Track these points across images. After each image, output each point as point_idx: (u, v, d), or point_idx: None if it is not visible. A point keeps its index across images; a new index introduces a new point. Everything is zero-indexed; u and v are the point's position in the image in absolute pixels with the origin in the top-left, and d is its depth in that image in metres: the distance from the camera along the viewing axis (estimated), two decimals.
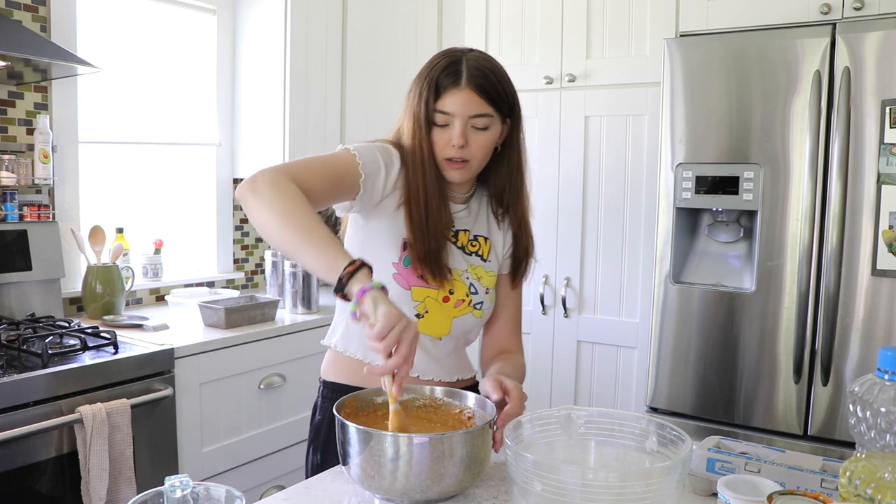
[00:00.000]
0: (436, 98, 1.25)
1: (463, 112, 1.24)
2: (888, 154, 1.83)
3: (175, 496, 0.78)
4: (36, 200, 2.32)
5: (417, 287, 1.30)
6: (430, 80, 1.25)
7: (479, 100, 1.24)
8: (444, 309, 1.33)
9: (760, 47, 1.99)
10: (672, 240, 2.14)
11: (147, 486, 0.95)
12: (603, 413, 1.00)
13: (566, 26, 2.51)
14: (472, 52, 1.28)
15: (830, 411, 1.93)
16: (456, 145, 1.25)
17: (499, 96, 1.26)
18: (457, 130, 1.24)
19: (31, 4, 2.28)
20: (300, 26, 2.79)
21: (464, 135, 1.25)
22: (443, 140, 1.26)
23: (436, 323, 1.33)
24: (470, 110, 1.24)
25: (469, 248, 1.36)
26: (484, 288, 1.36)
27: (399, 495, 0.99)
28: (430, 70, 1.26)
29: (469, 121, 1.24)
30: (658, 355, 2.18)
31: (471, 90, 1.23)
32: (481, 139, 1.27)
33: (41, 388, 1.74)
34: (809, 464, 1.06)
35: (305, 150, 2.84)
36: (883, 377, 0.84)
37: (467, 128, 1.25)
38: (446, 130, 1.26)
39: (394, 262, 1.29)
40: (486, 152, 1.29)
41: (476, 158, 1.28)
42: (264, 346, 2.35)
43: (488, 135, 1.27)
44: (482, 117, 1.25)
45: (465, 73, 1.23)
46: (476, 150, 1.27)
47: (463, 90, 1.23)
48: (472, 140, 1.26)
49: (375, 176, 1.26)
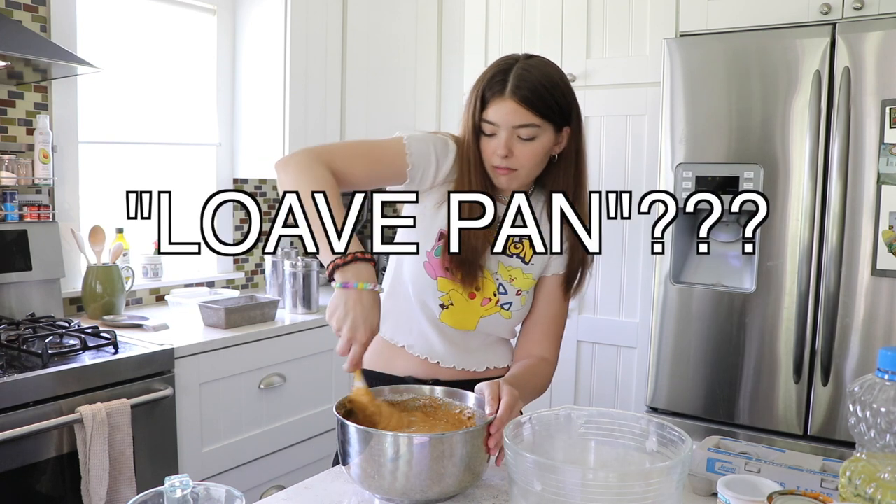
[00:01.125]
0: (482, 108, 1.24)
1: (506, 122, 1.23)
2: (888, 154, 1.83)
3: (175, 496, 0.78)
4: (36, 200, 2.32)
5: (444, 279, 1.30)
6: (479, 90, 1.25)
7: (523, 110, 1.21)
8: (470, 306, 1.32)
9: (760, 47, 1.99)
10: (672, 240, 2.14)
11: (147, 486, 0.95)
12: (603, 413, 1.00)
13: (566, 26, 2.51)
14: (529, 59, 1.25)
15: (830, 411, 1.93)
16: (500, 155, 1.24)
17: (546, 106, 1.22)
18: (501, 141, 1.24)
19: (31, 4, 2.28)
20: (300, 26, 2.79)
21: (507, 145, 1.24)
22: (490, 148, 1.26)
23: (461, 317, 1.33)
24: (513, 121, 1.22)
25: (511, 249, 1.34)
26: (515, 289, 1.34)
27: (399, 495, 0.99)
28: (481, 79, 1.26)
29: (513, 131, 1.23)
30: (658, 355, 2.18)
31: (515, 101, 1.21)
32: (527, 149, 1.25)
33: (41, 388, 1.74)
34: (809, 464, 1.06)
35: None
36: (883, 377, 0.84)
37: (512, 138, 1.24)
38: (493, 140, 1.25)
39: (427, 251, 1.30)
40: (534, 162, 1.27)
41: (524, 168, 1.27)
42: (264, 346, 2.35)
43: (535, 145, 1.25)
44: (527, 127, 1.23)
45: (510, 84, 1.21)
46: (523, 159, 1.25)
47: (507, 101, 1.22)
48: (517, 150, 1.24)
49: (425, 167, 1.28)
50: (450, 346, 1.35)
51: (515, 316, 1.37)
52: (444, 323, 1.33)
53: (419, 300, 1.33)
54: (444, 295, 1.31)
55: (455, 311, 1.32)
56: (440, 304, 1.31)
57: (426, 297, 1.32)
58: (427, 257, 1.30)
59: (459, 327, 1.34)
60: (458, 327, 1.34)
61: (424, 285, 1.31)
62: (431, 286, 1.31)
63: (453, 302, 1.31)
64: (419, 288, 1.32)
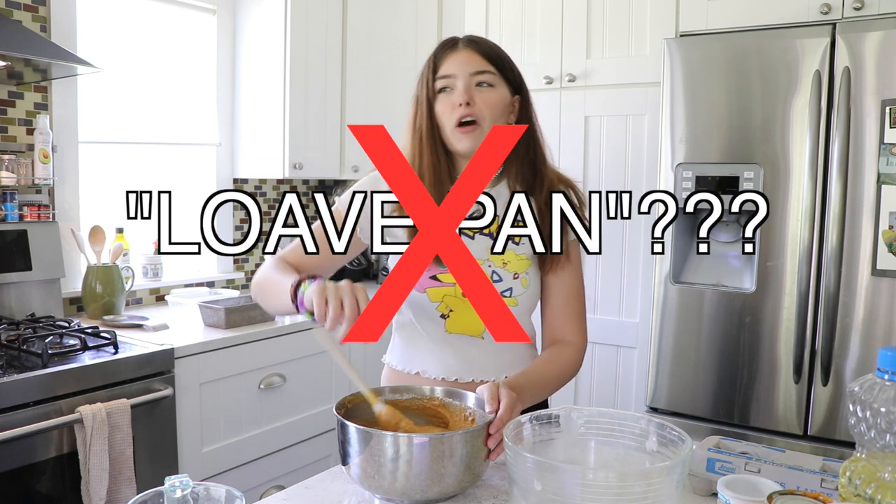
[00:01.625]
0: (435, 70, 1.26)
1: (463, 70, 1.24)
2: (888, 154, 1.83)
3: (175, 496, 0.78)
4: (36, 200, 2.32)
5: (432, 288, 1.28)
6: (428, 60, 1.28)
7: (478, 58, 1.24)
8: (468, 305, 1.27)
9: (760, 47, 1.99)
10: (672, 240, 2.14)
11: (147, 486, 0.95)
12: (603, 413, 1.00)
13: (566, 26, 2.51)
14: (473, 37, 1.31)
15: (830, 411, 1.93)
16: (462, 102, 1.23)
17: (500, 59, 1.27)
18: (459, 90, 1.24)
19: (31, 4, 2.28)
20: (300, 26, 2.79)
21: (468, 92, 1.23)
22: (448, 105, 1.25)
23: (466, 321, 1.30)
24: (470, 67, 1.24)
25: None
26: (511, 273, 1.29)
27: (399, 495, 0.99)
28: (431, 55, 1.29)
29: (471, 78, 1.24)
30: (658, 355, 2.18)
31: (470, 50, 1.25)
32: (486, 96, 1.24)
33: (41, 388, 1.74)
34: (809, 464, 1.06)
35: (305, 150, 2.85)
36: (883, 377, 0.84)
37: (471, 87, 1.24)
38: (450, 95, 1.25)
39: None
40: (494, 112, 1.25)
41: (485, 119, 1.24)
42: (264, 346, 2.35)
43: (494, 94, 1.25)
44: (484, 74, 1.24)
45: (461, 40, 1.27)
46: (483, 108, 1.24)
47: (461, 51, 1.25)
48: (477, 98, 1.24)
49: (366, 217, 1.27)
50: (463, 358, 1.32)
51: (522, 302, 1.31)
52: (453, 334, 1.31)
53: (420, 319, 1.32)
54: (439, 304, 1.29)
55: (458, 317, 1.29)
56: (440, 314, 1.30)
57: (425, 313, 1.30)
58: None
59: (470, 332, 1.31)
60: (469, 332, 1.31)
61: (418, 303, 1.30)
62: (423, 300, 1.29)
63: (452, 308, 1.29)
64: (415, 308, 1.31)
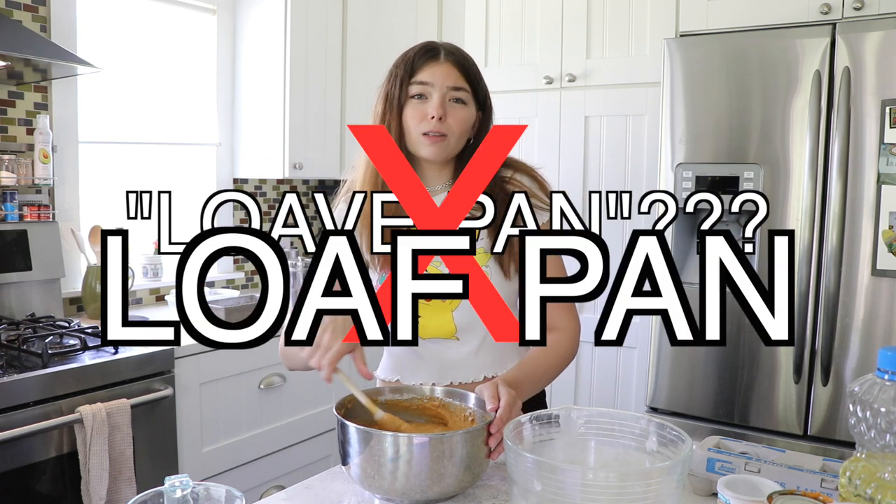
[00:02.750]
0: (412, 74, 1.24)
1: (442, 82, 1.23)
2: (888, 154, 1.83)
3: (175, 496, 0.78)
4: (36, 200, 2.32)
5: None
6: (406, 61, 1.25)
7: (457, 73, 1.24)
8: (434, 307, 1.28)
9: (760, 47, 1.99)
10: (672, 240, 2.13)
11: (147, 486, 0.95)
12: (603, 413, 1.00)
13: (566, 26, 2.51)
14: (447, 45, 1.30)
15: (830, 411, 1.93)
16: (435, 116, 1.22)
17: (475, 78, 1.27)
18: (435, 101, 1.23)
19: (31, 4, 2.28)
20: (300, 26, 2.79)
21: (443, 105, 1.23)
22: (419, 114, 1.24)
23: (436, 324, 1.29)
24: (448, 81, 1.23)
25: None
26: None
27: (399, 495, 0.99)
28: (405, 54, 1.27)
29: (448, 93, 1.23)
30: (658, 355, 2.18)
31: (450, 63, 1.24)
32: (458, 114, 1.24)
33: (41, 388, 1.74)
34: (809, 464, 1.06)
35: (305, 150, 2.84)
36: (883, 377, 0.84)
37: (446, 101, 1.23)
38: (423, 103, 1.24)
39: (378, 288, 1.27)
40: (463, 129, 1.26)
41: (454, 135, 1.25)
42: (264, 346, 2.33)
43: (465, 112, 1.25)
44: (460, 90, 1.24)
45: (442, 51, 1.25)
46: (454, 124, 1.24)
47: (442, 63, 1.24)
48: (450, 114, 1.24)
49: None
50: (438, 364, 1.32)
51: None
52: (426, 339, 1.30)
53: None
54: None
55: (427, 322, 1.28)
56: None
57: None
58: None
59: (443, 335, 1.30)
60: (442, 335, 1.30)
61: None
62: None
63: (420, 314, 1.26)
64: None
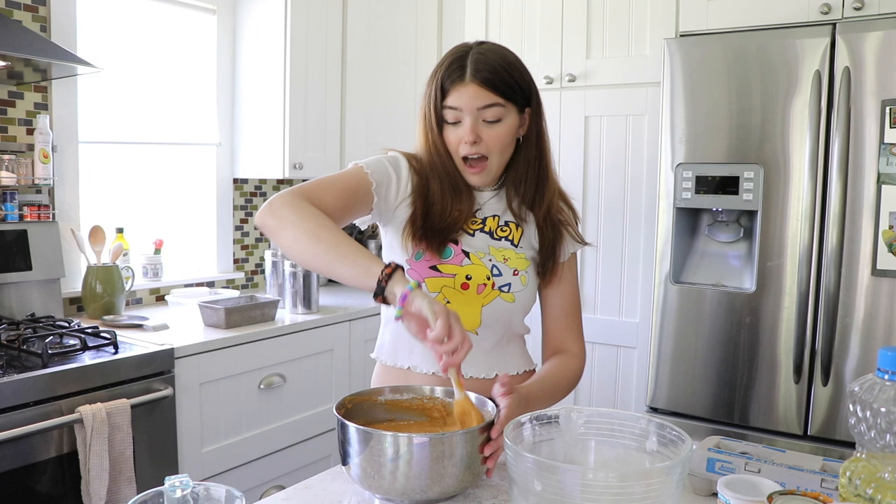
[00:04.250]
0: (443, 96, 1.24)
1: (470, 106, 1.22)
2: (888, 154, 1.83)
3: (175, 496, 0.78)
4: (36, 200, 2.32)
5: (431, 278, 1.28)
6: (437, 80, 1.25)
7: (485, 91, 1.22)
8: (466, 297, 1.28)
9: (760, 47, 1.99)
10: (672, 240, 2.14)
11: (147, 486, 0.95)
12: (603, 413, 1.00)
13: (566, 26, 2.51)
14: (482, 45, 1.26)
15: (830, 411, 1.93)
16: (468, 141, 1.23)
17: (507, 86, 1.23)
18: (467, 127, 1.23)
19: (31, 4, 2.28)
20: (300, 26, 2.79)
21: (474, 130, 1.23)
22: (456, 138, 1.26)
23: (462, 314, 1.27)
24: (477, 103, 1.22)
25: (498, 233, 1.33)
26: (511, 269, 1.30)
27: (399, 495, 0.99)
28: (437, 70, 1.26)
29: (478, 114, 1.23)
30: (658, 355, 2.18)
31: (476, 84, 1.21)
32: (495, 132, 1.24)
33: (41, 388, 1.74)
34: (809, 464, 1.06)
35: (305, 150, 2.85)
36: (883, 377, 0.84)
37: (478, 122, 1.23)
38: (458, 128, 1.25)
39: (406, 259, 1.29)
40: (503, 145, 1.26)
41: (493, 153, 1.26)
42: (264, 346, 2.35)
43: (501, 127, 1.25)
44: (492, 108, 1.22)
45: (469, 68, 1.22)
46: (492, 144, 1.25)
47: (468, 85, 1.22)
48: (485, 134, 1.24)
49: (387, 183, 1.28)
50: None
51: (520, 299, 1.32)
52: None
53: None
54: (437, 294, 1.28)
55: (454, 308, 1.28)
56: None
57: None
58: (408, 265, 1.29)
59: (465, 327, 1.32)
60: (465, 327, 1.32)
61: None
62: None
63: (449, 300, 1.28)
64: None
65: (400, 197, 1.30)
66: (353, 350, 2.66)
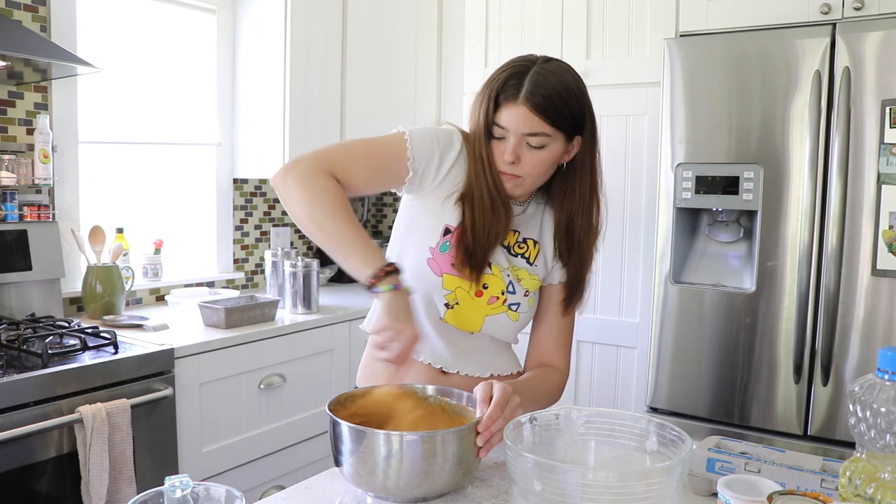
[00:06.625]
0: (494, 110, 1.21)
1: (517, 129, 1.20)
2: (888, 154, 1.83)
3: (175, 496, 0.78)
4: (36, 200, 2.32)
5: (449, 275, 1.27)
6: (492, 91, 1.21)
7: (534, 118, 1.18)
8: (475, 304, 1.29)
9: (760, 47, 1.99)
10: (672, 240, 2.14)
11: (147, 486, 0.95)
12: (603, 413, 1.00)
13: (566, 26, 2.51)
14: (547, 62, 1.22)
15: (830, 411, 1.93)
16: (507, 161, 1.22)
17: (559, 115, 1.19)
18: (509, 146, 1.21)
19: (31, 4, 2.28)
20: (300, 26, 2.79)
21: (515, 151, 1.21)
22: (498, 152, 1.24)
23: (466, 317, 1.30)
24: (524, 128, 1.19)
25: (516, 249, 1.32)
26: (523, 290, 1.31)
27: (391, 493, 1.00)
28: (495, 78, 1.22)
29: (523, 138, 1.21)
30: (658, 355, 2.18)
31: (527, 108, 1.18)
32: (535, 157, 1.22)
33: (41, 388, 1.74)
34: (809, 464, 1.06)
35: (305, 150, 2.84)
36: (883, 377, 0.84)
37: (521, 145, 1.21)
38: (501, 144, 1.23)
39: (431, 247, 1.27)
40: (540, 171, 1.25)
41: (530, 176, 1.24)
42: (264, 346, 2.35)
43: (542, 154, 1.22)
44: (537, 136, 1.20)
45: (524, 88, 1.18)
46: (529, 167, 1.23)
47: (519, 106, 1.18)
48: (525, 157, 1.22)
49: (427, 162, 1.25)
50: (453, 348, 1.32)
51: (522, 319, 1.34)
52: (447, 323, 1.30)
53: (424, 299, 1.29)
54: (449, 293, 1.28)
55: (460, 311, 1.29)
56: (445, 303, 1.29)
57: (431, 296, 1.29)
58: (431, 253, 1.27)
59: (463, 327, 1.31)
60: (462, 327, 1.31)
61: (429, 283, 1.27)
62: (437, 284, 1.27)
63: (459, 301, 1.28)
64: (423, 286, 1.28)
65: (439, 177, 1.27)
66: (353, 350, 2.66)
